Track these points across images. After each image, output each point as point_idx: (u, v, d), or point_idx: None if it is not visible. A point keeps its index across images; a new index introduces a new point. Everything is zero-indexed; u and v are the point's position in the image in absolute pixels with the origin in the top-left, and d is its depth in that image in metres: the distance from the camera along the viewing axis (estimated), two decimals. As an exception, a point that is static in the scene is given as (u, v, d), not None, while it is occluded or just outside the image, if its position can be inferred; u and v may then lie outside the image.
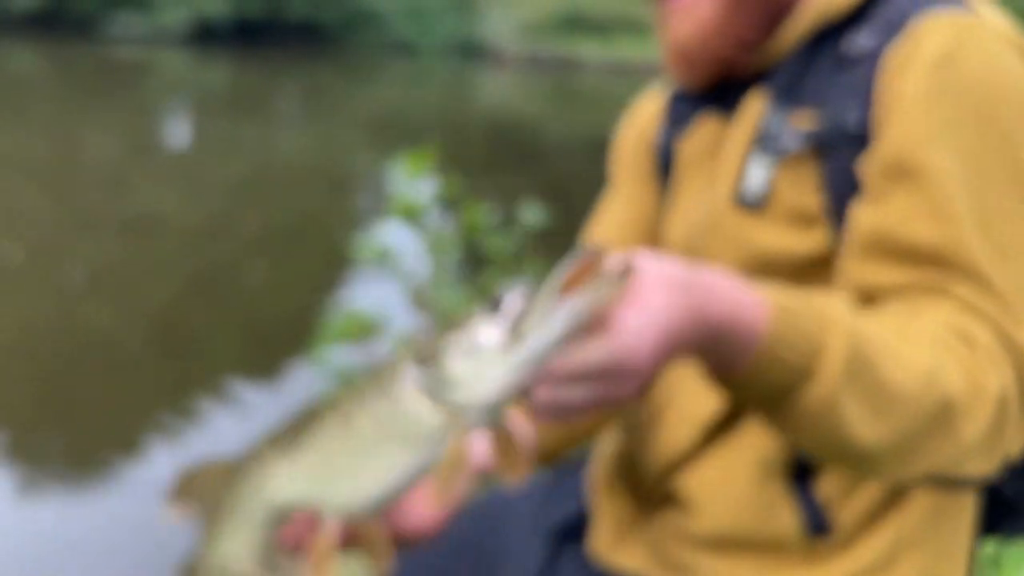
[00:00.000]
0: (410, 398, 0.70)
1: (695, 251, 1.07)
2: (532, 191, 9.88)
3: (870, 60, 0.95)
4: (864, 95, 0.94)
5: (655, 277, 0.68)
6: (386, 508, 0.75)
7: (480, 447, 0.90)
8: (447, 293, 3.78)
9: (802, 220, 0.96)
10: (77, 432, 3.83)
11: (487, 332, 0.66)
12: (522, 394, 0.68)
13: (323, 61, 25.97)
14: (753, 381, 0.74)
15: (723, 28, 1.02)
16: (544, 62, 30.62)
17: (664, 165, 1.17)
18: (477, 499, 1.27)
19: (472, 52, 32.75)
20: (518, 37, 33.96)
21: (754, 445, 1.01)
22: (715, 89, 1.10)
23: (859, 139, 0.94)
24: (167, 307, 5.44)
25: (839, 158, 0.95)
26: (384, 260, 3.82)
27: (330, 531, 0.75)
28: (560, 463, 1.27)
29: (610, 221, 1.23)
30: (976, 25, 0.92)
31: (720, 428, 1.04)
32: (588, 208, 1.34)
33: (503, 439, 0.71)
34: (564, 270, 0.64)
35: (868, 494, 0.98)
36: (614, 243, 1.20)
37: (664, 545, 1.04)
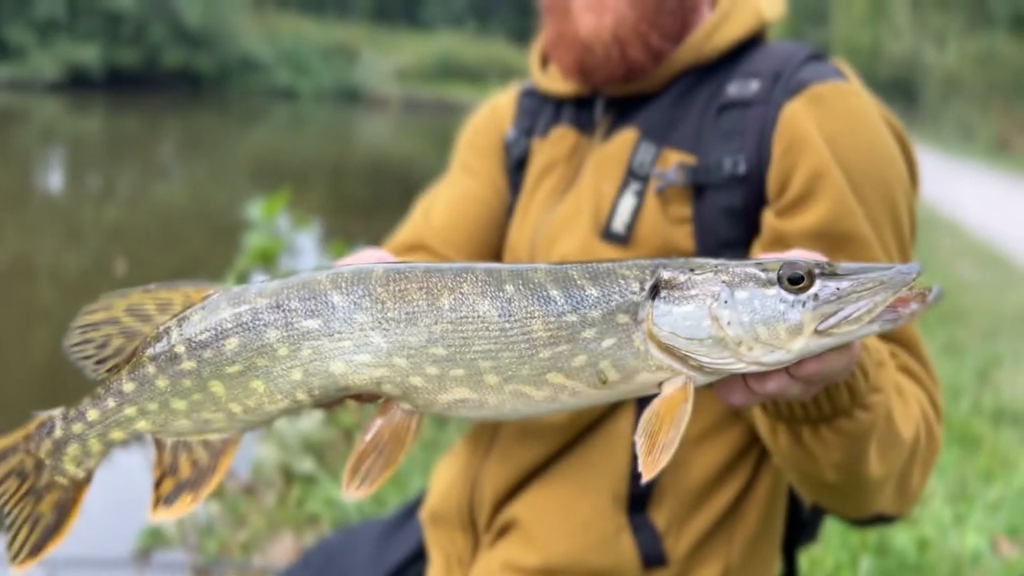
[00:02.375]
0: (663, 332, 0.61)
1: (535, 259, 1.07)
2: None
3: (760, 108, 0.96)
4: (751, 139, 0.95)
5: None
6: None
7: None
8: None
9: (672, 255, 0.93)
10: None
11: (788, 308, 0.61)
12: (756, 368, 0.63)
13: (201, 108, 25.54)
14: (825, 395, 0.77)
15: (641, 29, 1.00)
16: (421, 105, 31.25)
17: (516, 163, 1.16)
18: (321, 541, 1.28)
19: (351, 96, 33.04)
20: (395, 82, 34.64)
21: (596, 473, 1.00)
22: (582, 98, 1.09)
23: (743, 180, 0.95)
24: (38, 358, 5.20)
25: (714, 197, 0.96)
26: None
27: (410, 420, 0.65)
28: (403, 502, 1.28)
29: (449, 201, 1.19)
30: (859, 95, 0.97)
31: (559, 455, 1.03)
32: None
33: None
34: (907, 276, 0.62)
35: (699, 524, 1.00)
36: (451, 223, 1.16)
37: None
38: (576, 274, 0.64)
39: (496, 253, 1.18)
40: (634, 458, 0.93)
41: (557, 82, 1.13)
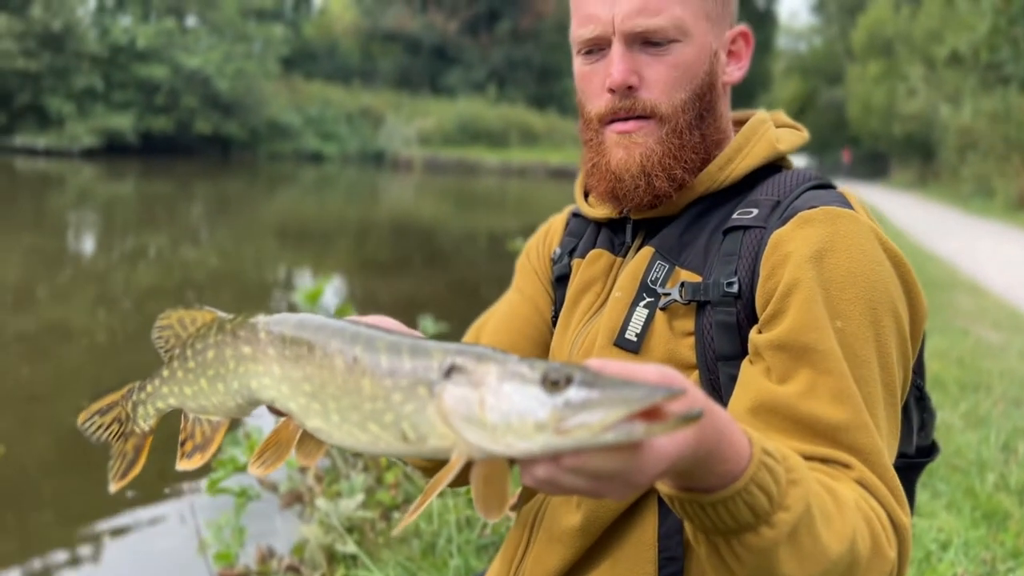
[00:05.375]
0: (446, 408, 0.71)
1: None
2: (439, 287, 10.19)
3: (756, 232, 1.04)
4: (745, 262, 1.02)
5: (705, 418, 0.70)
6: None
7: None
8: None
9: (678, 367, 1.02)
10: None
11: (539, 406, 0.67)
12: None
13: (231, 171, 25.96)
14: (718, 510, 0.78)
15: (666, 163, 1.10)
16: (443, 166, 31.89)
17: (558, 279, 1.27)
18: None
19: (376, 159, 33.78)
20: (418, 145, 35.48)
21: None
22: (613, 221, 1.20)
23: (736, 298, 1.02)
24: (72, 419, 5.08)
25: (712, 313, 1.03)
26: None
27: (295, 432, 0.84)
28: None
29: (500, 318, 1.32)
30: (851, 218, 1.01)
31: (587, 563, 1.07)
32: (492, 299, 1.44)
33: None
34: (651, 398, 0.64)
35: None
36: (497, 340, 1.28)
37: None
38: (405, 348, 0.76)
39: None
40: (661, 564, 1.04)
41: (595, 208, 1.27)
